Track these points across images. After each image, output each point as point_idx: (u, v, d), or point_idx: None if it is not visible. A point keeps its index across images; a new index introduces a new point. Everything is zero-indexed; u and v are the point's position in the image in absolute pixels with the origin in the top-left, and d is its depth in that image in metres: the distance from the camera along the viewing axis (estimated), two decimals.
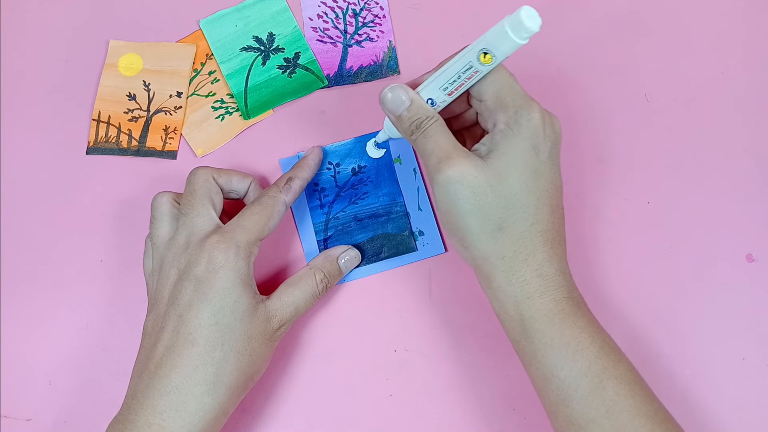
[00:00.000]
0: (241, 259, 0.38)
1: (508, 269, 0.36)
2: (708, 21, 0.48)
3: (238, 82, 0.48)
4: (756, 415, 0.42)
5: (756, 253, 0.44)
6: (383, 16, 0.49)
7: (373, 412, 0.43)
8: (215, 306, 0.37)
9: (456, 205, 0.36)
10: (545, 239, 0.36)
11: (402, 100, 0.37)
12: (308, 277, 0.41)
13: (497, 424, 0.43)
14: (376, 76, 0.48)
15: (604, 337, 0.36)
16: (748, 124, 0.47)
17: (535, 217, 0.36)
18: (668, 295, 0.44)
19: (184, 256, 0.38)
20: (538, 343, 0.35)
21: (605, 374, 0.34)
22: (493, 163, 0.36)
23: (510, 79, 0.37)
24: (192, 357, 0.36)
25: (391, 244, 0.45)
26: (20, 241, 0.46)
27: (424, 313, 0.44)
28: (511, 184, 0.35)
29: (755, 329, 0.43)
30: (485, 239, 0.36)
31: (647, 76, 0.47)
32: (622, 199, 0.46)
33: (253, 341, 0.38)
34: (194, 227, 0.39)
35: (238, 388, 0.37)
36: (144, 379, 0.36)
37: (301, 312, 0.40)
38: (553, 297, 0.36)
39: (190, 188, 0.41)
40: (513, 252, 0.36)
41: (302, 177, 0.43)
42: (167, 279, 0.38)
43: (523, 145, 0.36)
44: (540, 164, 0.36)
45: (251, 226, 0.39)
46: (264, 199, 0.41)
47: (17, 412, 0.44)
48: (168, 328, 0.37)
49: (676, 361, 0.43)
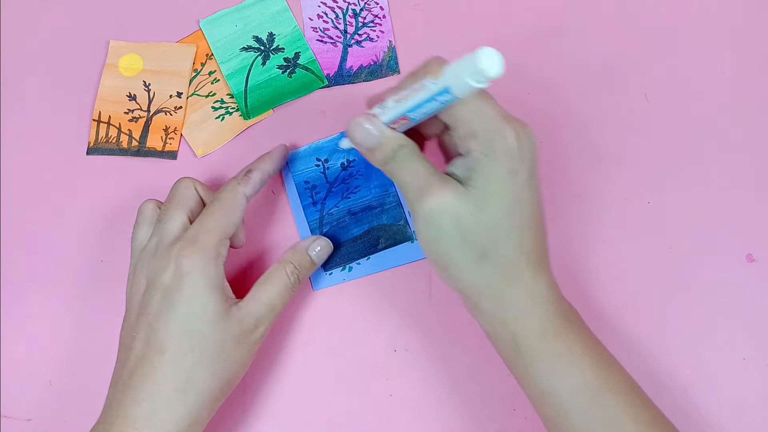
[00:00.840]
0: (208, 263, 0.37)
1: (495, 294, 0.35)
2: (708, 21, 0.48)
3: (238, 82, 0.48)
4: (756, 415, 0.42)
5: (756, 253, 0.44)
6: (383, 16, 0.49)
7: (373, 412, 0.43)
8: (183, 313, 0.36)
9: (439, 236, 0.35)
10: (529, 259, 0.35)
11: (371, 133, 0.36)
12: (278, 271, 0.40)
13: (497, 424, 0.43)
14: (376, 75, 0.48)
15: (597, 347, 0.36)
16: (748, 124, 0.47)
17: (519, 241, 0.35)
18: (668, 295, 0.44)
19: (152, 263, 0.38)
20: (531, 359, 0.35)
21: (602, 386, 0.34)
22: (473, 191, 0.35)
23: (479, 102, 0.35)
24: (162, 365, 0.36)
25: (387, 235, 0.45)
26: (20, 241, 0.46)
27: (424, 313, 0.44)
28: (493, 212, 0.34)
29: (755, 329, 0.43)
30: (471, 268, 0.35)
31: (647, 76, 0.47)
32: (622, 199, 0.46)
33: (227, 345, 0.37)
34: (164, 233, 0.39)
35: (213, 394, 0.37)
36: (119, 389, 0.37)
37: (277, 308, 0.40)
38: (543, 313, 0.35)
39: (170, 195, 0.41)
40: (499, 277, 0.35)
41: (262, 169, 0.42)
42: (138, 287, 0.39)
43: (501, 172, 0.34)
44: (520, 188, 0.35)
45: (213, 226, 0.38)
46: (222, 195, 0.40)
47: (17, 412, 0.44)
48: (139, 338, 0.37)
49: (676, 361, 0.43)
